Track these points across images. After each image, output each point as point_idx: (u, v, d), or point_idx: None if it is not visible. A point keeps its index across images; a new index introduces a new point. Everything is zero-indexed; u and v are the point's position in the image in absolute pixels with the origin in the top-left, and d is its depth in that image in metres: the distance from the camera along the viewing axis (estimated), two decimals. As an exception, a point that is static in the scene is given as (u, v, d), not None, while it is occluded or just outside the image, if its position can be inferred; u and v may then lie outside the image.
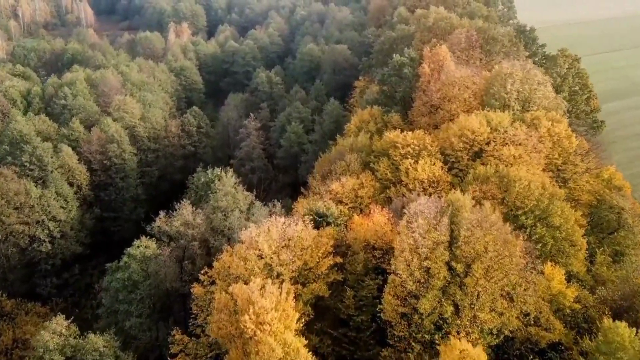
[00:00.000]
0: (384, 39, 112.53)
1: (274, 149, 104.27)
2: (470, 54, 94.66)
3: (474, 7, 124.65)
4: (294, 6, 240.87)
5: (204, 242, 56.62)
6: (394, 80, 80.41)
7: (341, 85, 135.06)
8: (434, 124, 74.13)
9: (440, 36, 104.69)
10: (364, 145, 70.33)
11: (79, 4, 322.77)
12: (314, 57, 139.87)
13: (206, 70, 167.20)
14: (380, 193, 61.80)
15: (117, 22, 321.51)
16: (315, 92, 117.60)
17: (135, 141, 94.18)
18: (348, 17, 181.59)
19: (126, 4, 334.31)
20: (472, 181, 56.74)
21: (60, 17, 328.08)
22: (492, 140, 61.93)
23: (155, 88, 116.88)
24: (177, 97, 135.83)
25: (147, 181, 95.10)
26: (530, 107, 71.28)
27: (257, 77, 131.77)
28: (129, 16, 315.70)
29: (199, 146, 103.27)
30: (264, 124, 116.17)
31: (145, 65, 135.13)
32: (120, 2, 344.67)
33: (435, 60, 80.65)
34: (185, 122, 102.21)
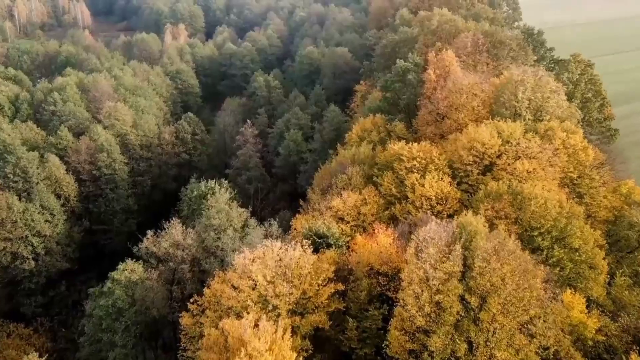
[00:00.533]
0: (385, 42, 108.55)
1: (271, 157, 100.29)
2: (476, 59, 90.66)
3: (478, 9, 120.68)
4: (293, 7, 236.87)
5: (195, 264, 52.60)
6: (397, 87, 76.44)
7: (342, 89, 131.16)
8: (440, 133, 70.14)
9: (444, 40, 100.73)
10: (366, 156, 66.36)
11: (76, 5, 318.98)
12: (313, 60, 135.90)
13: (203, 73, 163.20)
14: (385, 210, 57.83)
15: (114, 23, 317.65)
16: (315, 97, 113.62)
17: (126, 150, 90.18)
18: (348, 19, 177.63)
19: (124, 5, 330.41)
20: (483, 199, 52.71)
21: (57, 17, 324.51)
22: (503, 153, 57.91)
23: (149, 93, 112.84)
24: (173, 101, 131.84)
25: (139, 191, 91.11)
26: (543, 117, 67.27)
27: (255, 81, 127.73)
28: (127, 17, 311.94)
29: (193, 154, 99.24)
30: (261, 129, 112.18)
31: (139, 68, 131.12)
32: (117, 2, 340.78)
33: (441, 66, 76.65)
34: (179, 129, 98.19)
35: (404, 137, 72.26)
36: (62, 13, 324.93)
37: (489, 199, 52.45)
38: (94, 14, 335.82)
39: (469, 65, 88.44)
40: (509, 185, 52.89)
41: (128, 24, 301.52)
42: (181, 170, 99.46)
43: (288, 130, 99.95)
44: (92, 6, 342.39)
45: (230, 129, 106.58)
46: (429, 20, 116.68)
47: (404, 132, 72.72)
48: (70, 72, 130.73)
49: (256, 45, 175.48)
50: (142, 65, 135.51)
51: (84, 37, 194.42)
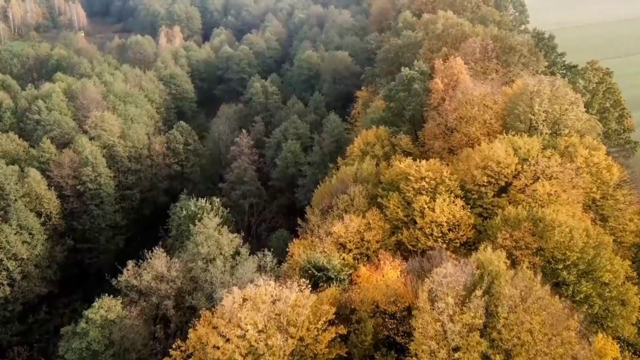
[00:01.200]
0: (388, 46, 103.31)
1: (268, 169, 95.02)
2: (485, 65, 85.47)
3: (485, 11, 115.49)
4: (292, 8, 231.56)
5: (180, 298, 47.34)
6: (402, 97, 71.20)
7: (342, 95, 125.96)
8: (449, 147, 64.94)
9: (451, 44, 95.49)
10: (369, 173, 61.12)
11: (71, 6, 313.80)
12: (312, 65, 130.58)
13: (199, 77, 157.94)
14: (390, 235, 52.61)
15: (111, 24, 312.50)
16: (314, 104, 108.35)
17: (113, 162, 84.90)
18: (349, 21, 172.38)
19: (120, 6, 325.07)
20: (500, 226, 47.50)
21: (53, 18, 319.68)
22: (521, 173, 52.70)
23: (140, 100, 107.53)
24: (166, 107, 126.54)
25: (128, 205, 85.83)
26: (561, 130, 62.10)
27: (252, 86, 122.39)
28: (123, 18, 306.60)
29: (186, 165, 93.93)
30: (258, 138, 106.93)
31: (131, 73, 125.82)
32: (114, 3, 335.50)
33: (449, 74, 71.48)
34: (170, 139, 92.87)
35: (409, 152, 67.14)
36: (58, 14, 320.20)
37: (506, 226, 47.27)
38: (90, 15, 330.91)
39: (477, 73, 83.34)
40: (528, 211, 47.70)
41: (125, 25, 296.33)
42: (173, 182, 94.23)
43: (286, 140, 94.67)
44: (89, 7, 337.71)
45: (225, 137, 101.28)
46: (434, 24, 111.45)
47: (410, 146, 67.49)
48: (60, 77, 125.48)
49: (254, 48, 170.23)
50: (134, 70, 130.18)
51: (76, 39, 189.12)
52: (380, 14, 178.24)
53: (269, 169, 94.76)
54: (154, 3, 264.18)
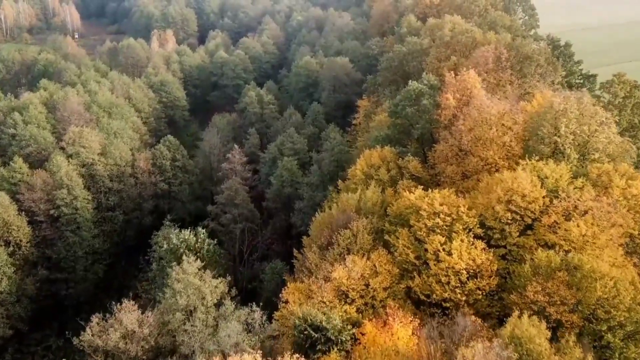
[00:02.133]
0: (392, 54, 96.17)
1: (263, 186, 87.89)
2: (499, 77, 78.45)
3: (494, 16, 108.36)
4: (291, 10, 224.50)
5: None
6: (409, 114, 64.06)
7: (342, 104, 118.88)
8: (463, 172, 57.82)
9: (460, 53, 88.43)
10: (374, 203, 54.05)
11: (65, 7, 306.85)
12: (311, 72, 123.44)
13: (192, 84, 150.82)
14: (399, 280, 45.52)
15: (105, 26, 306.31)
16: (312, 115, 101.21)
17: (93, 182, 77.77)
18: (349, 24, 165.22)
19: (115, 7, 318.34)
20: (530, 275, 40.43)
21: (47, 20, 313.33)
22: (550, 209, 45.56)
23: (126, 111, 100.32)
24: (156, 116, 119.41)
25: (109, 228, 78.71)
26: (590, 155, 55.05)
27: (246, 95, 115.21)
28: (118, 19, 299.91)
29: (173, 183, 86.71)
30: (252, 152, 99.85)
31: (119, 81, 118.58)
32: (109, 4, 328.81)
33: (461, 89, 64.34)
34: (156, 155, 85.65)
35: (419, 177, 60.05)
36: (52, 15, 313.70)
37: (537, 275, 40.20)
38: (85, 16, 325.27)
39: (490, 84, 76.37)
40: (563, 259, 40.63)
41: (120, 27, 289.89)
42: (159, 201, 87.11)
43: (282, 155, 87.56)
44: (84, 8, 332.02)
45: (216, 152, 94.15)
46: (440, 29, 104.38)
47: (419, 170, 60.33)
48: (45, 84, 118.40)
49: (249, 53, 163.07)
50: (122, 78, 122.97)
51: (66, 43, 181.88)
52: (382, 17, 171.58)
53: (264, 186, 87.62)
54: (149, 5, 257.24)
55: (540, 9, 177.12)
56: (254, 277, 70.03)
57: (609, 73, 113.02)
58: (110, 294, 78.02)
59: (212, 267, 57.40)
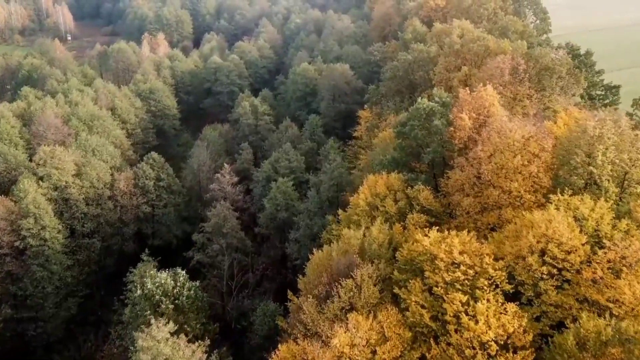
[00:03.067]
0: (397, 63, 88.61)
1: (255, 208, 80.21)
2: (516, 90, 70.97)
3: (506, 21, 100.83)
4: (289, 12, 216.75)
5: None
6: (419, 136, 56.41)
7: (342, 114, 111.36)
8: (482, 205, 50.30)
9: (471, 62, 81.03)
10: (381, 244, 46.48)
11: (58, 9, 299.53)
12: (309, 80, 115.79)
13: (184, 90, 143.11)
14: (412, 346, 37.93)
15: (100, 27, 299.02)
16: (310, 129, 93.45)
17: (67, 206, 70.07)
18: (349, 27, 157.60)
19: (110, 8, 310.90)
20: (575, 351, 32.87)
21: (40, 21, 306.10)
22: (594, 262, 37.99)
23: (109, 123, 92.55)
24: (143, 127, 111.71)
25: (84, 258, 71.04)
26: (630, 188, 47.58)
27: (240, 105, 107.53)
28: (113, 20, 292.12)
29: (157, 205, 78.90)
30: (245, 168, 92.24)
31: (103, 90, 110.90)
32: (104, 5, 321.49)
33: (477, 106, 56.79)
34: (138, 175, 77.92)
35: (431, 210, 52.49)
36: (46, 16, 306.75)
37: (584, 351, 32.65)
38: (79, 17, 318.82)
39: (506, 99, 68.96)
40: (615, 328, 33.10)
41: (114, 28, 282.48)
42: (142, 225, 79.40)
43: (277, 173, 79.92)
44: (78, 9, 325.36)
45: (206, 168, 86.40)
46: (448, 35, 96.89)
47: (431, 201, 52.75)
48: (27, 92, 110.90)
49: (245, 58, 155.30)
50: (108, 86, 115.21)
51: (53, 46, 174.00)
52: (383, 20, 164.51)
53: (257, 208, 79.92)
54: (143, 6, 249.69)
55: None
56: (244, 314, 62.45)
57: (621, 78, 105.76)
58: (86, 330, 70.47)
59: (194, 316, 49.92)
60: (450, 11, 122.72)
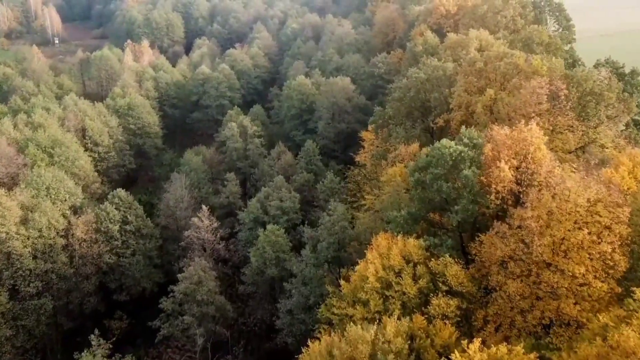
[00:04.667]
0: (407, 81, 75.89)
1: (240, 257, 67.49)
2: (555, 121, 58.42)
3: (530, 31, 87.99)
4: (285, 16, 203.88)
5: None
6: (444, 188, 43.70)
7: (343, 134, 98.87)
8: (535, 293, 37.62)
9: (497, 83, 68.38)
10: (398, 353, 33.86)
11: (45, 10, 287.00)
12: (305, 96, 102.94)
13: (169, 104, 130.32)
14: None
15: (90, 30, 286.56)
16: (306, 157, 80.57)
17: (8, 263, 57.35)
18: (349, 34, 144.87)
19: (101, 9, 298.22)
20: None
21: (29, 23, 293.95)
22: None
23: (73, 151, 79.75)
24: (119, 149, 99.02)
25: (32, 323, 58.33)
26: None
27: (227, 126, 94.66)
28: (104, 23, 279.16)
29: (124, 254, 66.19)
30: (230, 202, 79.51)
31: (74, 106, 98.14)
32: (95, 7, 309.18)
33: (519, 151, 44.12)
34: (101, 218, 65.25)
35: (461, 293, 39.87)
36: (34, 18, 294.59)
37: None
38: (70, 19, 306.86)
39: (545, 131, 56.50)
40: None
41: (104, 30, 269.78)
42: (106, 277, 66.67)
43: (266, 214, 67.27)
44: (69, 10, 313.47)
45: (184, 205, 73.63)
46: (464, 48, 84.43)
47: (462, 280, 40.08)
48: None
49: (237, 67, 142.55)
50: (80, 102, 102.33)
51: (31, 53, 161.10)
52: (386, 25, 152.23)
53: (241, 257, 67.18)
54: (132, 9, 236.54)
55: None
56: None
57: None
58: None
59: None
60: (462, 18, 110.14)
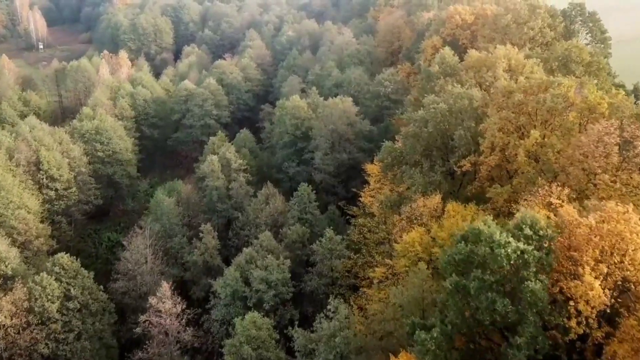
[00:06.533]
0: (424, 114, 61.24)
1: (213, 344, 52.91)
2: (629, 178, 43.92)
3: (567, 47, 73.35)
4: (281, 22, 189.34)
5: None
6: (498, 307, 29.17)
7: (343, 168, 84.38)
8: None
9: (541, 120, 53.88)
10: None
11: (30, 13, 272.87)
12: (300, 120, 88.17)
13: (148, 123, 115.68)
14: None
15: (79, 33, 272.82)
16: (299, 203, 65.72)
17: None
18: (351, 44, 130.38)
19: (90, 12, 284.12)
20: None
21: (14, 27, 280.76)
22: None
23: (14, 197, 65.09)
24: (81, 183, 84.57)
25: None
26: None
27: (207, 158, 79.92)
28: (92, 27, 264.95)
29: (64, 340, 51.58)
30: (204, 261, 64.88)
31: (28, 133, 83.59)
32: (84, 9, 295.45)
33: (610, 250, 29.60)
34: (34, 294, 50.63)
35: None
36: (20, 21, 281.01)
37: None
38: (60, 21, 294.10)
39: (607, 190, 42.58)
40: None
41: (92, 34, 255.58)
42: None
43: (247, 285, 52.79)
44: (57, 13, 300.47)
45: (146, 268, 58.95)
46: (490, 68, 70.01)
47: None
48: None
49: (226, 80, 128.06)
50: (38, 127, 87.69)
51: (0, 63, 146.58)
52: (391, 33, 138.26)
53: (216, 343, 52.59)
54: (118, 13, 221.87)
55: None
56: None
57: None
58: None
59: None
60: (481, 29, 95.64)
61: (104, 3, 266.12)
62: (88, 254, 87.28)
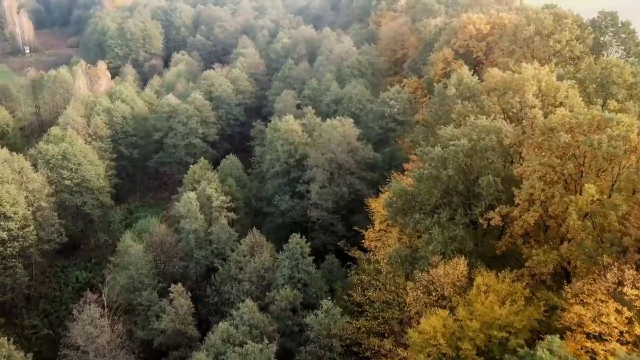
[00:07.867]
0: (442, 152, 50.00)
1: None
2: None
3: (606, 67, 62.12)
4: (276, 27, 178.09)
5: None
6: None
7: (345, 200, 73.22)
8: None
9: (592, 167, 42.76)
10: None
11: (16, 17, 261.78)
12: (294, 146, 76.91)
13: (126, 142, 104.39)
14: None
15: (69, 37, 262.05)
16: (291, 261, 54.21)
17: None
18: (351, 53, 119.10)
19: (80, 14, 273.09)
20: None
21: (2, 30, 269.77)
22: None
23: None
24: (42, 219, 73.47)
25: None
26: None
27: (183, 196, 68.30)
28: (81, 30, 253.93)
29: None
30: (176, 329, 53.58)
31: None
32: (74, 12, 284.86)
33: None
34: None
35: None
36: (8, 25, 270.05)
37: None
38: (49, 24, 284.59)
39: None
40: None
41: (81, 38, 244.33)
42: None
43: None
44: (47, 15, 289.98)
45: (101, 342, 47.75)
46: (517, 91, 58.73)
47: None
48: None
49: (215, 93, 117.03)
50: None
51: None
52: (394, 40, 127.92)
53: None
54: (106, 16, 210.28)
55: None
56: None
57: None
58: None
59: None
60: (500, 41, 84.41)
61: (94, 6, 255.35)
62: (52, 299, 76.77)
